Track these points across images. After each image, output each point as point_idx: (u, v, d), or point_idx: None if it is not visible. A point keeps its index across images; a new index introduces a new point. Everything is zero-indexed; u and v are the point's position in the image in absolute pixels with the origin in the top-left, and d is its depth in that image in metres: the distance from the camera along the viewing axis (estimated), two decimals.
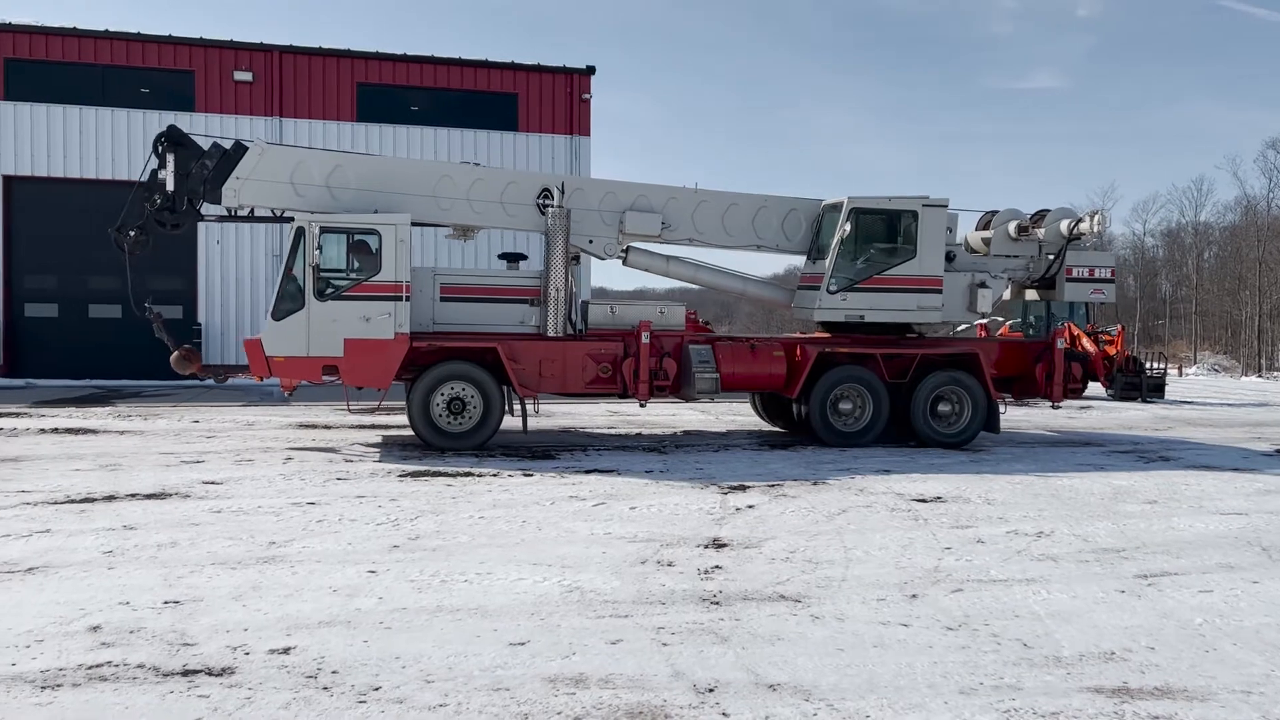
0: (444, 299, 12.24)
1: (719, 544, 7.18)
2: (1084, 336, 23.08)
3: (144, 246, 12.04)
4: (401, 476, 9.82)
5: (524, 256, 13.30)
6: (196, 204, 11.98)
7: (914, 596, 5.93)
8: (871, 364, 12.88)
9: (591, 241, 12.95)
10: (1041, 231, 13.60)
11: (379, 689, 4.32)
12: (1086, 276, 13.67)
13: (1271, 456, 12.79)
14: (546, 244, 12.35)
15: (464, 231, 13.17)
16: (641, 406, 13.63)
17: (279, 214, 12.22)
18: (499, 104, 26.25)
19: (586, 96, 26.61)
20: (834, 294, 12.91)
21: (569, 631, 5.14)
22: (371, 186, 12.11)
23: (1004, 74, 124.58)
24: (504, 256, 13.30)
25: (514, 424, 12.47)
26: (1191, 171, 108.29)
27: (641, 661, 4.73)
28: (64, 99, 23.61)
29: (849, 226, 12.87)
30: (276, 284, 11.85)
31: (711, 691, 4.38)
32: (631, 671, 4.60)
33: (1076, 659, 4.91)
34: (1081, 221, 13.33)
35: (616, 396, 12.65)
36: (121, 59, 24.17)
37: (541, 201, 12.59)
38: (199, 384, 16.08)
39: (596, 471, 10.37)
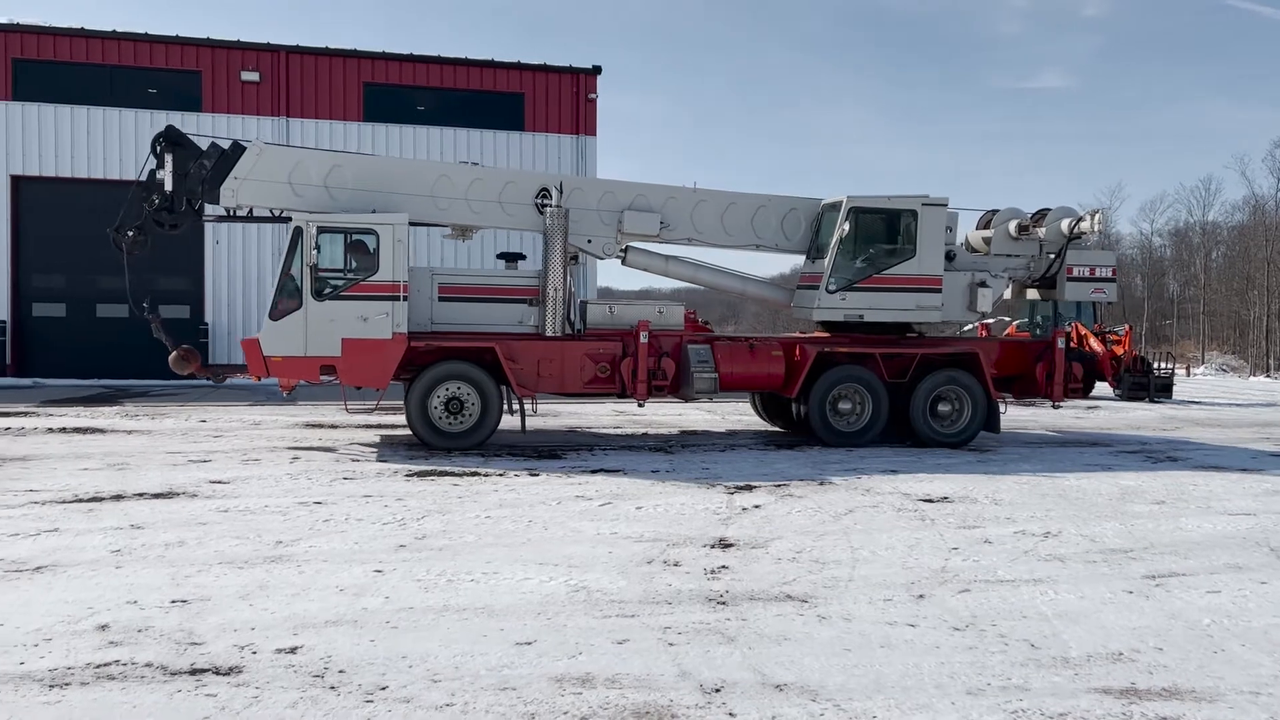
0: (442, 299, 12.23)
1: (725, 544, 7.18)
2: (1091, 336, 23.05)
3: (142, 247, 12.03)
4: (408, 476, 9.83)
5: (522, 256, 13.29)
6: (195, 204, 11.96)
7: (921, 597, 5.92)
8: (871, 364, 12.86)
9: (590, 241, 12.94)
10: (1042, 231, 13.57)
11: (386, 688, 4.33)
12: (1087, 276, 13.64)
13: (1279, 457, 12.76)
14: (545, 244, 12.33)
15: (462, 231, 13.17)
16: (640, 406, 13.63)
17: (277, 214, 12.20)
18: (505, 104, 26.28)
19: (592, 96, 26.63)
20: (833, 293, 12.89)
21: (575, 631, 5.14)
22: (369, 186, 12.10)
23: (1011, 73, 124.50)
24: (502, 256, 13.30)
25: (515, 424, 12.48)
26: (1199, 171, 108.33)
27: (648, 661, 4.73)
28: (71, 99, 23.69)
29: (848, 226, 12.85)
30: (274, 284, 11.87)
31: (718, 691, 4.38)
32: (638, 671, 4.60)
33: (1084, 659, 4.90)
34: (1082, 220, 13.29)
35: (615, 396, 12.62)
36: (129, 59, 24.25)
37: (540, 201, 12.56)
38: (205, 384, 16.09)
39: (603, 471, 10.37)
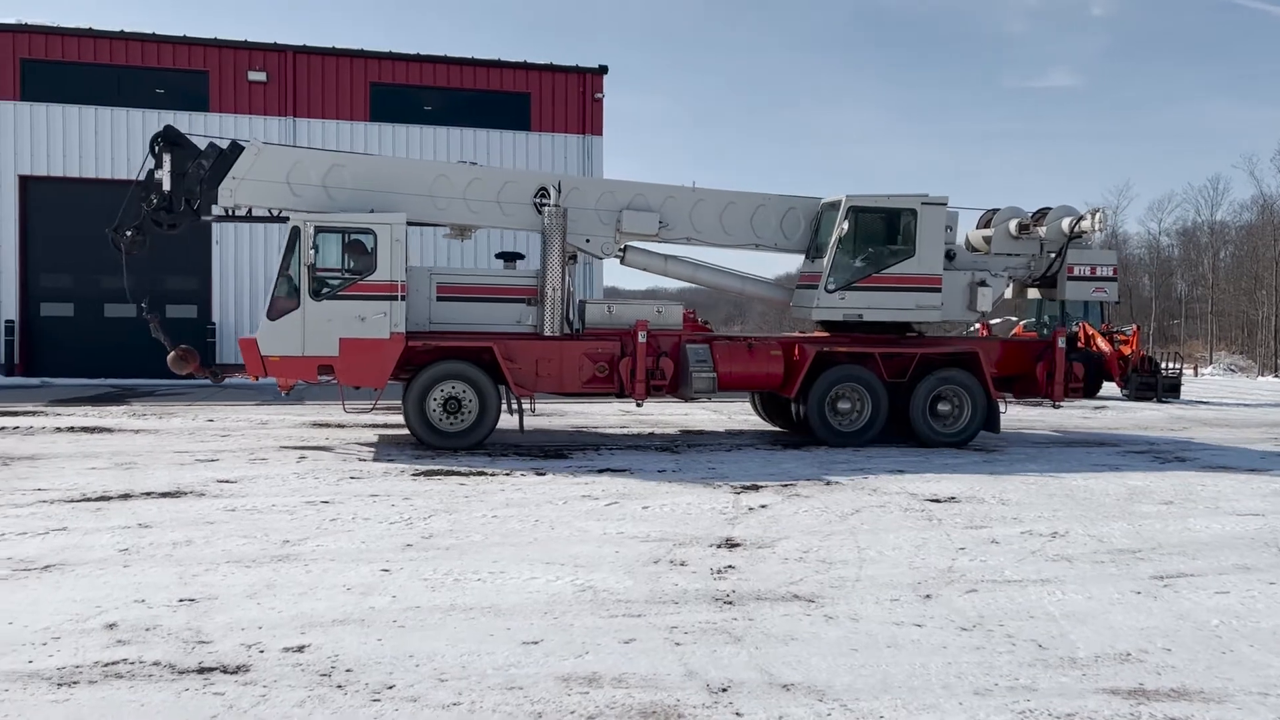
0: (441, 298, 12.21)
1: (732, 544, 7.17)
2: (1098, 336, 23.01)
3: (141, 246, 12.03)
4: (414, 476, 9.84)
5: (521, 256, 13.29)
6: (193, 204, 11.93)
7: (928, 597, 5.91)
8: (870, 363, 12.82)
9: (589, 240, 12.91)
10: (1043, 230, 13.54)
11: (393, 687, 4.33)
12: (1088, 275, 13.61)
13: None
14: (543, 243, 12.31)
15: (461, 231, 13.15)
16: (638, 406, 13.60)
17: (276, 214, 12.18)
18: (512, 104, 26.31)
19: (599, 96, 26.64)
20: (832, 293, 12.85)
21: (582, 631, 5.14)
22: (368, 186, 12.09)
23: (1019, 73, 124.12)
24: (501, 256, 13.30)
25: (512, 423, 12.47)
26: (1207, 170, 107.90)
27: (655, 661, 4.72)
28: (79, 99, 23.78)
29: (847, 225, 12.81)
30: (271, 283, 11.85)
31: (725, 691, 4.37)
32: (645, 671, 4.59)
33: (1092, 660, 4.89)
34: (1083, 219, 13.25)
35: (613, 396, 12.59)
36: (136, 59, 24.33)
37: (538, 201, 12.53)
38: (212, 384, 16.12)
39: (609, 471, 10.37)
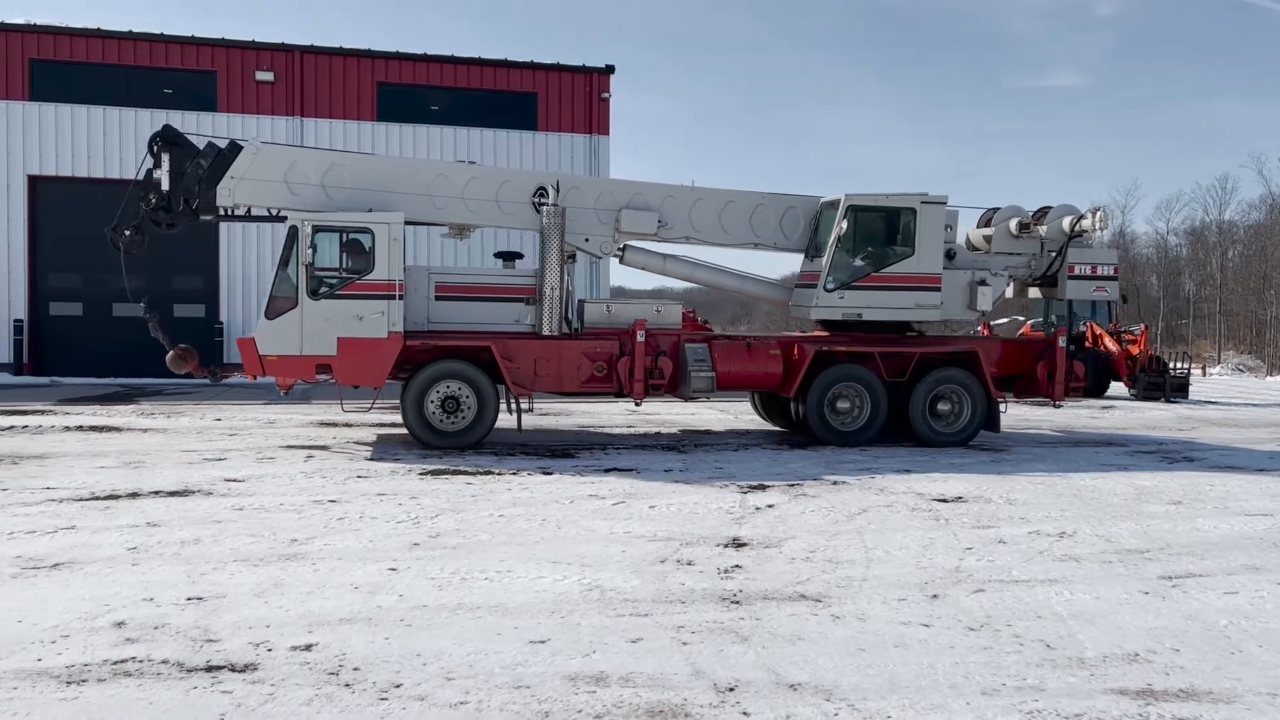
0: (439, 297, 12.21)
1: (739, 543, 7.17)
2: (1106, 336, 22.96)
3: (139, 246, 12.06)
4: (422, 475, 9.85)
5: (520, 255, 13.29)
6: (192, 204, 11.93)
7: (935, 597, 5.90)
8: (870, 362, 12.80)
9: (588, 240, 12.89)
10: (1043, 229, 13.51)
11: (400, 686, 4.34)
12: (1089, 274, 13.56)
13: None
14: (542, 242, 12.31)
15: (460, 230, 13.14)
16: (636, 405, 13.59)
17: (275, 213, 12.18)
18: (518, 103, 26.31)
19: (606, 95, 26.63)
20: (831, 292, 12.82)
21: (589, 630, 5.15)
22: (366, 185, 12.09)
23: (1025, 72, 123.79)
24: (500, 255, 13.29)
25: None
26: (1215, 169, 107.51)
27: (662, 660, 4.73)
28: (88, 99, 23.84)
29: (846, 224, 12.78)
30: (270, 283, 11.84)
31: (732, 690, 4.37)
32: (652, 670, 4.60)
33: (1100, 660, 4.88)
34: (1084, 218, 13.21)
35: (612, 395, 12.58)
36: (145, 59, 24.38)
37: (537, 200, 12.51)
38: (221, 383, 16.15)
39: (616, 470, 10.38)
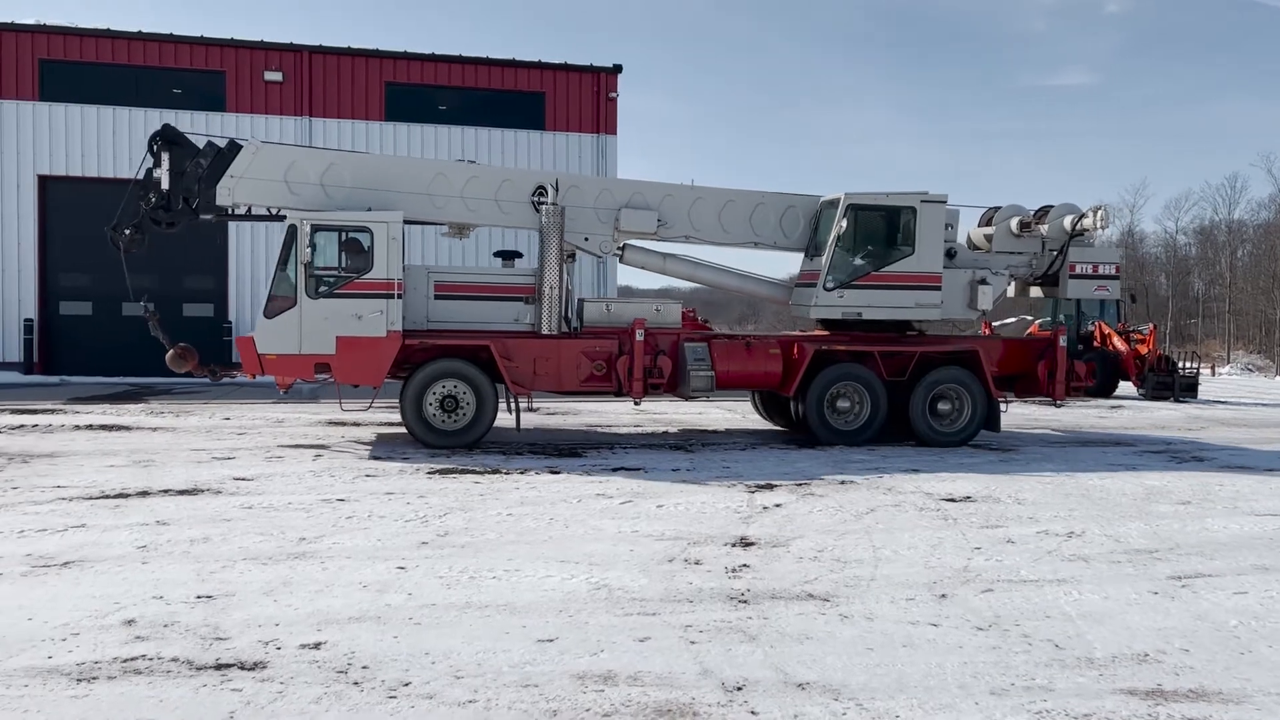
0: (438, 296, 12.21)
1: (746, 543, 7.17)
2: (1115, 335, 22.90)
3: (139, 245, 12.09)
4: (429, 474, 9.87)
5: (519, 254, 13.29)
6: (192, 203, 11.95)
7: (943, 596, 5.89)
8: (869, 362, 12.77)
9: (587, 239, 12.88)
10: (1044, 228, 13.47)
11: (409, 684, 4.35)
12: (1090, 273, 13.52)
13: None
14: (541, 242, 12.31)
15: (459, 229, 13.14)
16: (636, 405, 13.58)
17: (274, 213, 12.20)
18: (526, 103, 26.35)
19: (613, 95, 26.66)
20: (830, 291, 12.79)
21: (597, 629, 5.15)
22: (366, 184, 12.09)
23: (1035, 71, 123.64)
24: (499, 254, 13.30)
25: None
26: (1225, 168, 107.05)
27: (669, 659, 4.73)
28: (97, 99, 23.94)
29: (845, 223, 12.75)
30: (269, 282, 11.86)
31: (740, 690, 4.37)
32: (660, 669, 4.60)
33: (1109, 660, 4.86)
34: (1085, 217, 13.17)
35: (611, 395, 12.57)
36: (154, 60, 24.48)
37: (536, 199, 12.50)
38: (229, 382, 16.21)
39: (623, 470, 10.38)
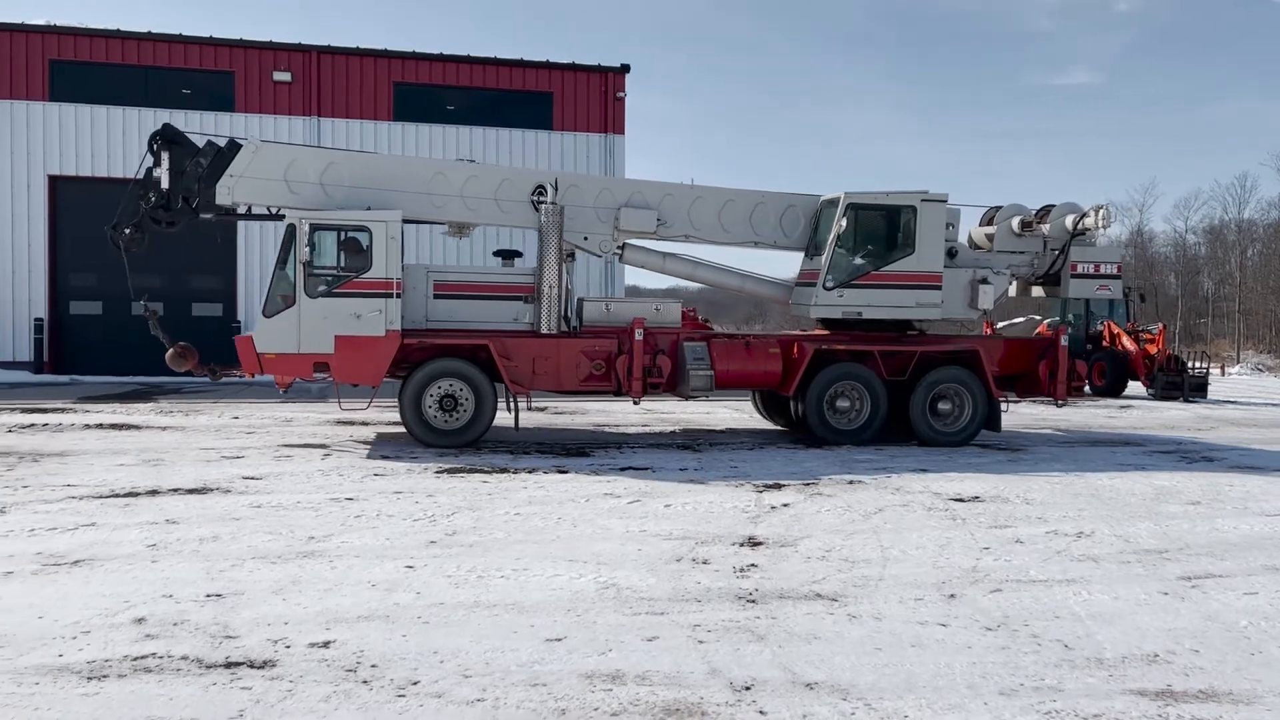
0: (438, 296, 12.21)
1: (754, 542, 7.16)
2: (1124, 335, 22.82)
3: (139, 244, 12.14)
4: (438, 473, 9.88)
5: (518, 253, 13.29)
6: (192, 202, 11.97)
7: (952, 596, 5.88)
8: (870, 361, 12.73)
9: (587, 238, 12.86)
10: (1046, 227, 13.42)
11: (417, 683, 4.36)
12: (1092, 273, 13.47)
13: None
14: (540, 241, 12.30)
15: (459, 229, 13.14)
16: (635, 404, 13.56)
17: (274, 212, 12.22)
18: (534, 103, 26.36)
19: (621, 95, 26.65)
20: (830, 290, 12.76)
21: (605, 628, 5.15)
22: (365, 184, 12.10)
23: (1043, 70, 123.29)
24: (499, 253, 13.29)
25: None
26: (1234, 168, 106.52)
27: (678, 659, 4.73)
28: (107, 100, 24.02)
29: (845, 222, 12.72)
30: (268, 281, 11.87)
31: (748, 689, 4.37)
32: (668, 668, 4.60)
33: (1119, 661, 4.85)
34: (1086, 216, 13.13)
35: (611, 394, 12.55)
36: (163, 60, 24.55)
37: (536, 198, 12.50)
38: (238, 381, 16.27)
39: (631, 469, 10.39)
